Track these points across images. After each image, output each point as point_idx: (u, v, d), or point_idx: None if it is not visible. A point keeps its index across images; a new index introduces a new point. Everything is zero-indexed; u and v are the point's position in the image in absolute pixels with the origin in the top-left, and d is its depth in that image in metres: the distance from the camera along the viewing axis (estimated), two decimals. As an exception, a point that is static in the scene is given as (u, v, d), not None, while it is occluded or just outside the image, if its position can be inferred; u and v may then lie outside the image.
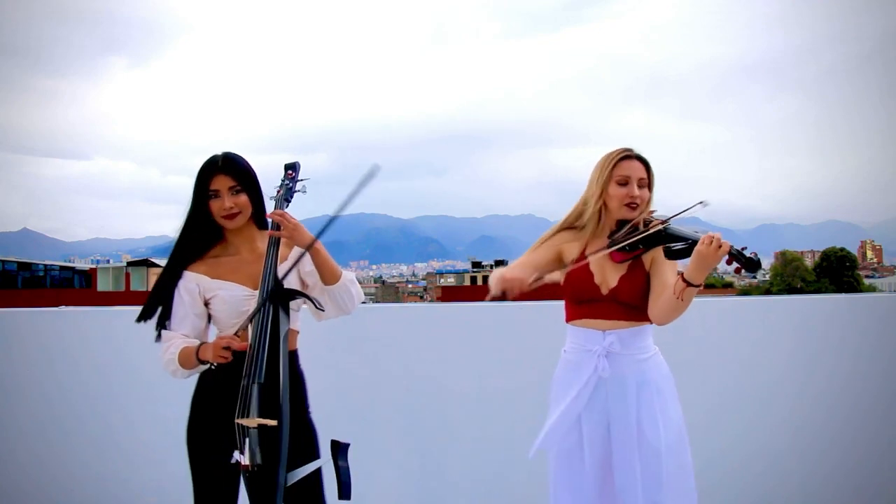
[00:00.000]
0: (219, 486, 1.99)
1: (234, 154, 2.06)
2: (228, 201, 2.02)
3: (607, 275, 2.12)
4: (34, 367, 3.60)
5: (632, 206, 2.12)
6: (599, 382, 2.09)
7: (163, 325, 2.04)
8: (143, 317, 2.06)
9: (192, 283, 2.05)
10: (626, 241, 2.03)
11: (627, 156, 2.15)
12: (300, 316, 2.13)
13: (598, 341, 2.10)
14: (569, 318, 2.21)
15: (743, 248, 1.85)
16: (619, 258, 2.09)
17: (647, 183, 2.15)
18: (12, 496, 3.51)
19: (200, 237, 2.08)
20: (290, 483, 1.89)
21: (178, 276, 2.05)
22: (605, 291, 2.12)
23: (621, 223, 2.13)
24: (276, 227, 1.98)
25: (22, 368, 3.61)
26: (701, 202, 1.98)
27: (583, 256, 2.15)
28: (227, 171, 2.02)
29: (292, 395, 2.02)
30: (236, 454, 1.86)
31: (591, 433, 2.09)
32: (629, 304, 2.10)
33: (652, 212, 2.14)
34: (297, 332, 2.13)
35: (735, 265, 1.86)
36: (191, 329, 2.05)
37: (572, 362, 2.16)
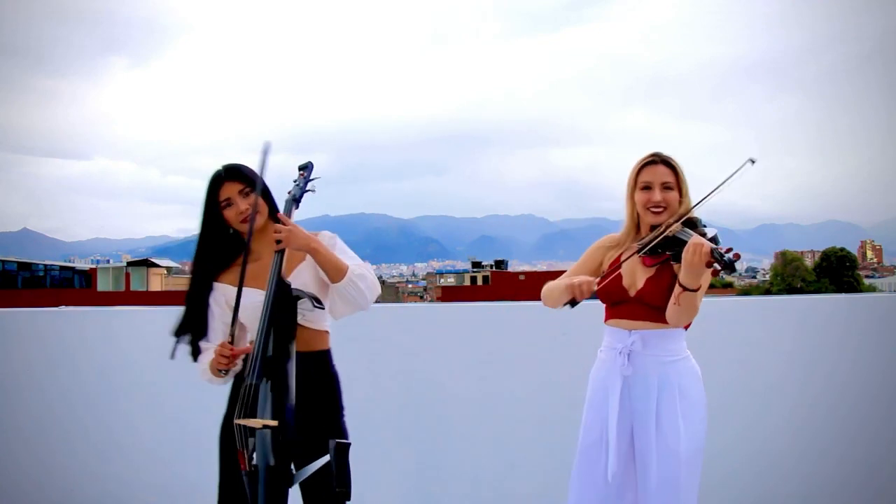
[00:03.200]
0: (244, 488, 2.00)
1: (236, 163, 2.10)
2: (242, 204, 2.05)
3: (636, 277, 2.17)
4: (34, 367, 3.61)
5: (655, 210, 2.15)
6: (625, 381, 2.13)
7: (196, 342, 2.07)
8: (180, 332, 2.09)
9: (219, 295, 2.09)
10: (646, 245, 2.06)
11: (651, 161, 2.19)
12: (323, 315, 2.12)
13: (622, 340, 2.15)
14: (605, 319, 2.26)
15: (728, 250, 1.88)
16: (650, 262, 2.13)
17: (675, 185, 2.17)
18: (12, 496, 3.51)
19: (223, 248, 2.11)
20: (298, 481, 1.90)
21: (209, 289, 2.09)
22: (632, 293, 2.16)
23: (653, 228, 2.16)
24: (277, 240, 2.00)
25: (22, 368, 3.62)
26: (751, 160, 1.99)
27: (615, 263, 2.20)
28: (232, 178, 2.05)
29: (324, 397, 2.06)
30: (244, 454, 1.87)
31: (615, 431, 2.11)
32: (656, 306, 2.13)
33: (682, 215, 2.15)
34: (326, 332, 2.14)
35: (714, 267, 1.89)
36: (220, 338, 2.07)
37: (604, 361, 2.21)
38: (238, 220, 2.06)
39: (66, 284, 47.52)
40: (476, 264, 64.93)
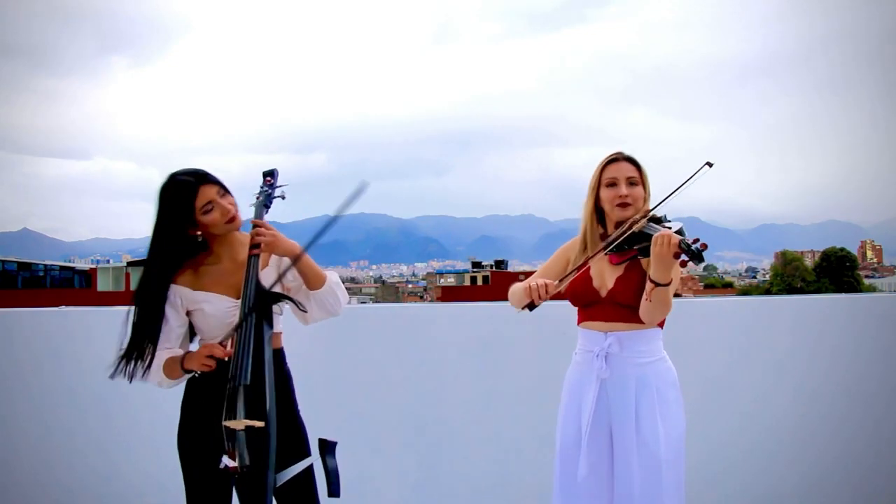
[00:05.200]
0: (211, 491, 1.99)
1: (195, 168, 2.05)
2: (225, 204, 2.02)
3: (605, 277, 2.15)
4: (35, 367, 3.61)
5: (623, 205, 2.14)
6: (602, 384, 2.11)
7: (142, 352, 2.01)
8: (136, 338, 2.02)
9: (175, 297, 2.03)
10: (613, 242, 2.05)
11: (614, 159, 2.19)
12: (282, 318, 2.12)
13: (598, 342, 2.12)
14: (578, 321, 2.24)
15: (695, 241, 1.87)
16: (616, 260, 2.12)
17: (640, 181, 2.17)
18: (14, 495, 3.51)
19: (177, 251, 2.05)
20: (279, 483, 1.90)
21: (166, 291, 2.01)
22: (603, 294, 2.14)
23: (618, 225, 2.15)
24: (255, 244, 1.98)
25: (23, 368, 3.62)
26: (707, 163, 2.00)
27: (582, 263, 2.18)
28: (206, 181, 2.00)
29: (279, 394, 2.03)
30: (225, 458, 1.87)
31: (592, 435, 2.10)
32: (628, 306, 2.11)
33: (648, 209, 2.15)
34: (281, 333, 2.13)
35: (682, 258, 1.87)
36: (175, 341, 2.05)
37: (579, 363, 2.19)
38: (224, 221, 2.03)
39: (66, 284, 47.49)
40: (476, 264, 64.93)
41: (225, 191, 2.03)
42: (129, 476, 3.48)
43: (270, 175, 2.12)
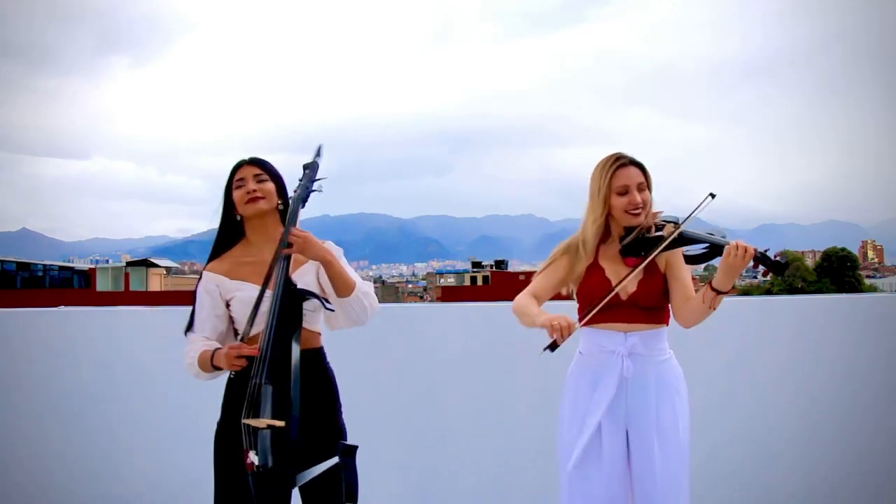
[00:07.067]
0: (240, 490, 1.98)
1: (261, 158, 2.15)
2: (252, 185, 2.06)
3: (624, 280, 2.13)
4: (34, 367, 3.61)
5: (635, 212, 2.13)
6: (621, 383, 2.10)
7: (190, 326, 2.07)
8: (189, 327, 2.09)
9: (211, 285, 2.06)
10: (650, 252, 2.05)
11: (622, 164, 2.16)
12: (320, 317, 2.12)
13: (620, 343, 2.10)
14: (587, 322, 2.20)
15: (766, 250, 1.90)
16: (632, 262, 2.10)
17: (647, 185, 2.16)
18: (13, 494, 3.51)
19: (224, 236, 2.11)
20: (301, 483, 1.89)
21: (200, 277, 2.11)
22: (624, 297, 2.12)
23: (629, 228, 2.14)
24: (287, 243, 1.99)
25: (22, 368, 3.62)
26: (710, 195, 2.02)
27: (597, 268, 2.16)
28: (252, 163, 2.09)
29: (319, 395, 2.04)
30: (251, 455, 1.86)
31: (610, 435, 2.09)
32: (649, 308, 2.11)
33: (658, 213, 2.15)
34: (318, 333, 2.13)
35: (762, 268, 1.90)
36: (211, 331, 2.05)
37: (593, 364, 2.16)
38: (244, 201, 2.06)
39: (66, 284, 47.53)
40: (476, 264, 64.92)
41: (267, 178, 2.06)
42: (127, 475, 3.47)
43: (310, 168, 2.10)
